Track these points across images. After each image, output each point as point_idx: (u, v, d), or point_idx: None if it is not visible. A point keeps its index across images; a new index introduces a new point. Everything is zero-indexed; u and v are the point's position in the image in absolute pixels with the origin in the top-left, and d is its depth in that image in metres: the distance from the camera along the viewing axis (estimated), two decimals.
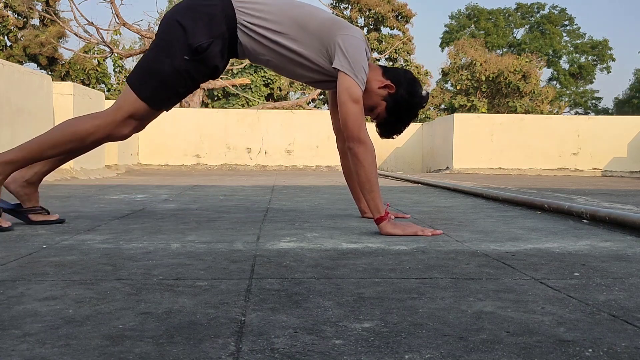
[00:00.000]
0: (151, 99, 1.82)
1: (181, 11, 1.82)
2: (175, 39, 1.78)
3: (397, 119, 1.99)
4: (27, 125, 5.22)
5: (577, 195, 3.67)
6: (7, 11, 19.52)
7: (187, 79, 1.82)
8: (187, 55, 1.77)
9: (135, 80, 1.82)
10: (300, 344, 0.75)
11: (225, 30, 1.81)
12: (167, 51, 1.79)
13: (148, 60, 1.84)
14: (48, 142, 1.80)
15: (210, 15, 1.79)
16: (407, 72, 2.03)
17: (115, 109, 1.82)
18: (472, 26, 31.78)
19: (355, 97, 1.80)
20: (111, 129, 1.82)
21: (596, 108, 33.91)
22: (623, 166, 9.55)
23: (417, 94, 1.97)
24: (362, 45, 1.86)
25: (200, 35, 1.77)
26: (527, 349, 0.74)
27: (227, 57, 1.89)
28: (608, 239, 1.76)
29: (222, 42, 1.82)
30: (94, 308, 0.91)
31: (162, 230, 1.84)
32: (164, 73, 1.79)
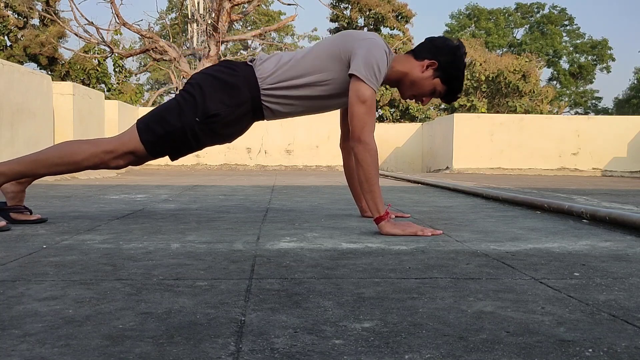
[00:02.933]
0: (151, 145, 1.85)
1: (205, 77, 1.89)
2: (193, 100, 1.83)
3: (456, 81, 1.97)
4: (27, 125, 5.22)
5: (577, 195, 3.67)
6: (8, 11, 19.52)
7: (192, 139, 1.87)
8: (199, 118, 1.82)
9: (143, 123, 1.86)
10: (300, 344, 0.75)
11: (246, 97, 1.87)
12: (181, 108, 1.84)
13: (162, 109, 1.89)
14: (45, 161, 1.84)
15: (231, 85, 1.85)
16: (430, 40, 1.98)
17: (117, 142, 1.85)
18: (473, 26, 31.77)
19: (363, 98, 1.80)
20: (108, 160, 1.85)
21: (596, 108, 33.91)
22: (623, 166, 9.55)
23: (455, 49, 1.95)
24: (378, 46, 1.86)
25: (218, 103, 1.83)
26: (527, 349, 0.74)
27: (248, 122, 1.95)
28: (608, 239, 1.76)
29: (241, 109, 1.87)
30: (94, 308, 0.91)
31: (162, 230, 1.84)
32: (171, 126, 1.83)
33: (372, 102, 1.82)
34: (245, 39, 16.99)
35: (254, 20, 22.40)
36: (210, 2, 13.77)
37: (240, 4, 13.30)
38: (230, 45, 22.36)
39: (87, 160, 1.83)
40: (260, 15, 23.65)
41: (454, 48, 1.94)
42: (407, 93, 2.00)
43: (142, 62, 24.37)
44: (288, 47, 23.31)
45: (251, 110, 1.91)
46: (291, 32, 26.58)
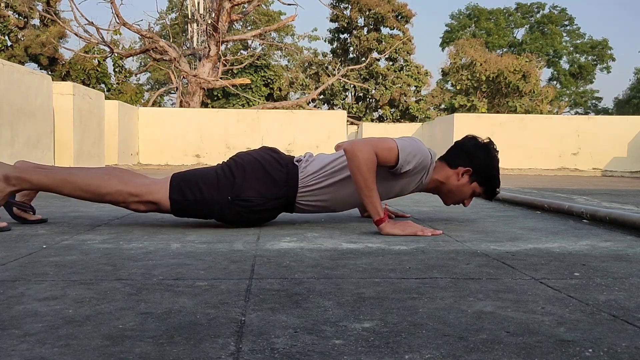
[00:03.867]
0: (177, 203, 1.85)
1: (251, 161, 1.90)
2: (232, 179, 1.84)
3: (493, 180, 2.03)
4: (27, 125, 5.22)
5: (577, 195, 3.67)
6: (8, 11, 19.52)
7: (217, 213, 1.88)
8: (231, 197, 1.83)
9: (177, 182, 1.86)
10: (300, 344, 0.75)
11: (282, 194, 1.89)
12: (218, 182, 1.85)
13: (200, 176, 1.89)
14: (72, 184, 1.82)
15: (272, 179, 1.87)
16: (461, 146, 2.03)
17: (146, 189, 1.84)
18: (473, 26, 31.78)
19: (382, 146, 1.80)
20: (131, 202, 1.84)
21: (596, 108, 33.91)
22: (623, 166, 9.54)
23: (486, 150, 2.00)
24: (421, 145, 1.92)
25: (254, 190, 1.84)
26: (527, 349, 0.74)
27: (275, 213, 1.97)
28: (608, 239, 1.76)
29: (272, 203, 1.89)
30: (94, 308, 0.91)
31: (162, 230, 1.84)
32: (202, 195, 1.84)
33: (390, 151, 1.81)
34: (245, 39, 17.00)
35: (254, 20, 22.40)
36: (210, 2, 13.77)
37: (240, 4, 13.31)
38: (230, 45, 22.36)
39: (110, 196, 1.83)
40: (260, 15, 23.65)
41: (485, 150, 1.98)
42: (449, 201, 2.06)
43: (142, 62, 24.37)
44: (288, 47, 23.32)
45: (283, 206, 1.94)
46: (291, 32, 26.57)
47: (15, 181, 1.79)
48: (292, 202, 1.93)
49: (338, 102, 22.67)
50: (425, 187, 2.02)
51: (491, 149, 2.00)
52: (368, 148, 1.78)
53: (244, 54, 21.57)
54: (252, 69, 20.39)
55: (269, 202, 1.88)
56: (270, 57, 23.28)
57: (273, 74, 20.99)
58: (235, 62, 18.39)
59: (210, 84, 13.63)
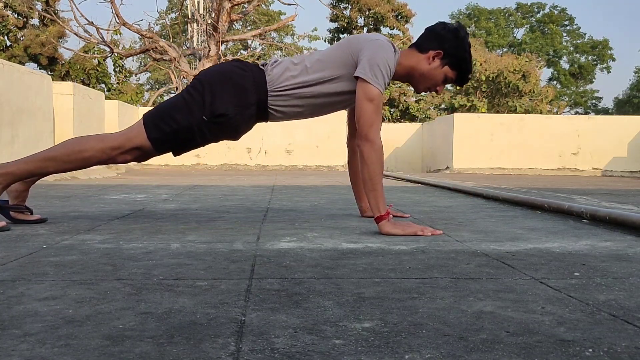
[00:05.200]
0: (158, 142, 1.85)
1: (215, 75, 1.88)
2: (201, 99, 1.83)
3: (464, 63, 1.98)
4: (27, 125, 5.22)
5: (577, 195, 3.67)
6: (7, 11, 19.52)
7: (198, 137, 1.87)
8: (206, 117, 1.82)
9: (150, 120, 1.86)
10: (300, 344, 0.75)
11: (254, 100, 1.88)
12: (189, 106, 1.84)
13: (169, 107, 1.88)
14: (53, 159, 1.83)
15: (240, 86, 1.86)
16: (431, 29, 1.97)
17: (124, 138, 1.85)
18: (473, 26, 31.77)
19: (370, 97, 1.81)
20: (115, 155, 1.85)
21: (596, 108, 33.91)
22: (623, 166, 9.55)
23: (456, 31, 1.95)
24: (384, 46, 1.87)
25: (226, 103, 1.83)
26: (527, 348, 0.74)
27: (254, 122, 1.96)
28: (608, 238, 1.76)
29: (248, 111, 1.88)
30: (94, 308, 0.91)
31: (162, 230, 1.84)
32: (178, 124, 1.83)
33: (379, 102, 1.83)
34: (245, 39, 16.99)
35: (254, 20, 22.39)
36: (210, 2, 13.77)
37: (240, 4, 13.30)
38: (230, 45, 22.36)
39: (94, 157, 1.83)
40: (260, 15, 23.65)
41: (455, 31, 1.94)
42: (420, 87, 2.01)
43: (142, 62, 24.37)
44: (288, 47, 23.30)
45: (257, 112, 1.92)
46: (291, 32, 26.58)
47: (1, 178, 1.80)
48: (265, 106, 1.91)
49: None
50: (396, 74, 1.96)
51: (461, 31, 1.95)
52: (374, 133, 1.81)
53: (244, 54, 21.56)
54: None
55: (243, 111, 1.87)
56: (270, 57, 23.27)
57: None
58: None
59: None
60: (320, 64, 1.91)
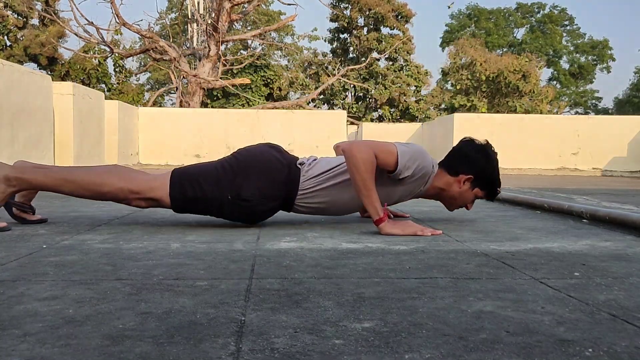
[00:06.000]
0: (177, 201, 1.85)
1: (254, 159, 1.89)
2: (233, 177, 1.84)
3: (494, 183, 2.03)
4: (27, 125, 5.22)
5: (577, 195, 3.67)
6: (7, 11, 19.52)
7: (216, 210, 1.88)
8: (231, 196, 1.83)
9: (177, 178, 1.86)
10: (300, 343, 0.75)
11: (282, 195, 1.89)
12: (219, 180, 1.84)
13: (200, 173, 1.87)
14: (72, 183, 1.81)
15: (273, 179, 1.87)
16: (460, 152, 2.01)
17: (147, 186, 1.83)
18: (473, 26, 31.78)
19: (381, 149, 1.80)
20: (132, 199, 1.84)
21: (596, 108, 33.91)
22: (623, 166, 9.54)
23: (486, 155, 1.99)
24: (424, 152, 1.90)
25: (253, 190, 1.84)
26: (527, 348, 0.74)
27: (273, 213, 1.96)
28: (608, 238, 1.76)
29: (272, 204, 1.90)
30: (94, 308, 0.91)
31: (162, 230, 1.84)
32: (202, 193, 1.83)
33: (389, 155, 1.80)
34: (245, 39, 17.00)
35: (254, 20, 22.40)
36: (210, 2, 13.78)
37: (240, 4, 13.31)
38: (230, 45, 22.36)
39: (111, 193, 1.82)
40: (260, 15, 23.65)
41: (485, 154, 1.98)
42: (452, 207, 2.07)
43: (142, 62, 24.37)
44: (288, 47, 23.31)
45: (280, 206, 1.94)
46: (291, 32, 26.57)
47: (15, 182, 1.79)
48: (291, 203, 1.93)
49: (338, 102, 22.68)
50: (425, 193, 2.02)
51: (491, 153, 2.00)
52: (367, 149, 1.78)
53: (244, 54, 21.57)
54: (252, 69, 20.39)
55: (268, 203, 1.88)
56: (270, 57, 23.28)
57: (273, 74, 20.98)
58: (235, 62, 18.39)
59: (210, 84, 13.63)
60: None
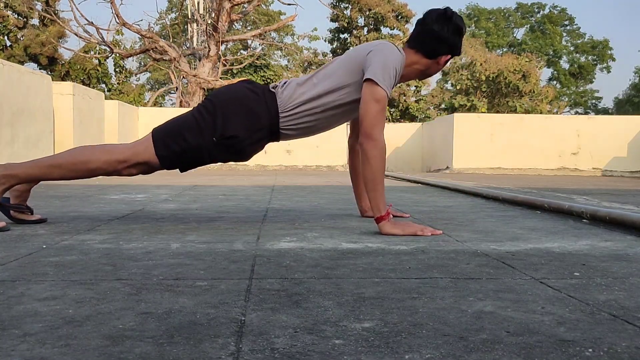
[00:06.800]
0: (165, 159, 1.85)
1: (227, 97, 1.88)
2: (212, 121, 1.83)
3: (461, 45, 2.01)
4: (27, 125, 5.22)
5: (577, 195, 3.67)
6: (7, 11, 19.52)
7: (206, 157, 1.88)
8: (216, 138, 1.82)
9: (159, 137, 1.85)
10: (300, 344, 0.75)
11: (266, 123, 1.88)
12: (199, 127, 1.83)
13: (179, 125, 1.87)
14: (59, 167, 1.83)
15: (252, 110, 1.86)
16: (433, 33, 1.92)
17: (131, 152, 1.84)
18: (473, 26, 31.77)
19: (377, 97, 1.81)
20: (121, 168, 1.84)
21: (596, 108, 33.91)
22: (623, 166, 9.54)
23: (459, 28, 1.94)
24: (392, 50, 1.88)
25: (237, 126, 1.83)
26: (527, 348, 0.74)
27: (264, 143, 1.96)
28: (608, 238, 1.76)
29: (259, 134, 1.89)
30: (94, 308, 0.91)
31: (162, 230, 1.84)
32: (187, 144, 1.83)
33: (385, 103, 1.83)
34: (245, 39, 17.00)
35: (254, 20, 22.40)
36: (210, 2, 13.77)
37: (240, 4, 13.30)
38: (230, 45, 22.36)
39: (100, 169, 1.83)
40: (260, 15, 23.65)
41: (458, 28, 1.94)
42: (423, 78, 2.09)
43: (142, 62, 24.37)
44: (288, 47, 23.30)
45: (268, 135, 1.93)
46: (291, 32, 26.57)
47: (3, 179, 1.81)
48: (276, 129, 1.92)
49: None
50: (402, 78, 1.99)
51: (459, 24, 1.95)
52: (377, 131, 1.80)
53: (244, 54, 21.57)
54: (252, 69, 20.38)
55: (255, 135, 1.88)
56: (270, 57, 23.28)
57: (273, 74, 20.98)
58: (235, 62, 18.39)
59: (210, 84, 13.63)
60: (328, 77, 1.91)
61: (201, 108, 1.88)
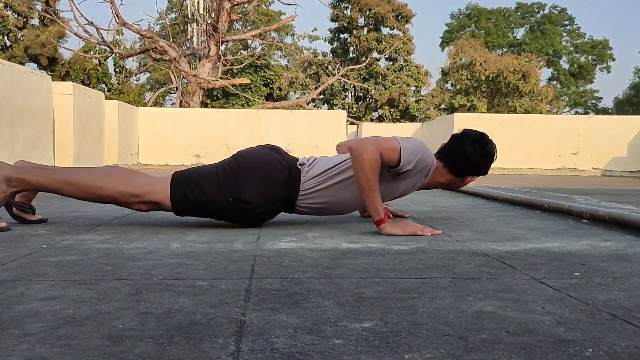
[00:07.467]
0: (178, 204, 1.85)
1: (253, 161, 1.88)
2: (234, 180, 1.84)
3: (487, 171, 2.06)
4: (27, 125, 5.22)
5: (577, 195, 3.67)
6: (7, 11, 19.52)
7: (218, 212, 1.88)
8: (232, 199, 1.83)
9: (177, 181, 1.86)
10: (300, 343, 0.75)
11: (283, 197, 1.89)
12: (219, 183, 1.84)
13: (201, 176, 1.87)
14: (73, 186, 1.81)
15: (274, 181, 1.87)
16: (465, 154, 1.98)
17: (147, 189, 1.84)
18: (473, 26, 31.78)
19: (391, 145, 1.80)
20: (132, 202, 1.84)
21: (596, 108, 33.91)
22: (623, 166, 9.54)
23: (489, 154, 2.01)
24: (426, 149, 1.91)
25: (254, 192, 1.84)
26: (527, 348, 0.74)
27: (274, 214, 1.97)
28: (608, 238, 1.76)
29: (273, 205, 1.90)
30: (94, 308, 0.91)
31: (162, 230, 1.84)
32: (203, 196, 1.83)
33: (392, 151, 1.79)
34: (245, 39, 17.00)
35: (254, 20, 22.40)
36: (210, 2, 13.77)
37: (240, 4, 13.30)
38: (230, 45, 22.36)
39: (111, 197, 1.82)
40: (260, 15, 23.65)
41: (488, 158, 2.00)
42: (445, 189, 2.14)
43: (142, 62, 24.37)
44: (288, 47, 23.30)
45: (282, 207, 1.94)
46: (291, 32, 26.56)
47: (16, 182, 1.79)
48: (293, 204, 1.93)
49: (338, 102, 22.68)
50: (427, 186, 2.06)
51: (492, 153, 2.01)
52: (373, 148, 1.77)
53: (244, 54, 21.57)
54: (252, 69, 20.38)
55: (269, 204, 1.88)
56: (270, 57, 23.28)
57: (273, 74, 20.98)
58: (235, 62, 18.38)
59: (210, 84, 13.63)
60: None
61: (226, 165, 1.89)
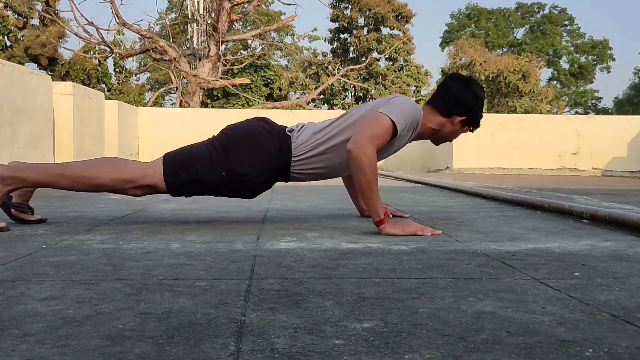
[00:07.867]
0: (173, 186, 1.86)
1: (243, 134, 1.89)
2: (225, 156, 1.84)
3: (480, 118, 2.05)
4: (27, 125, 5.22)
5: (577, 195, 3.67)
6: (7, 11, 19.52)
7: (213, 189, 1.89)
8: (226, 173, 1.83)
9: (170, 163, 1.86)
10: (300, 344, 0.75)
11: (277, 165, 1.89)
12: (211, 160, 1.85)
13: (192, 154, 1.88)
14: (67, 178, 1.83)
15: (265, 150, 1.87)
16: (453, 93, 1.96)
17: (140, 173, 1.84)
18: (472, 26, 31.78)
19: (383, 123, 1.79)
20: (127, 188, 1.84)
21: (596, 108, 33.92)
22: (623, 166, 9.55)
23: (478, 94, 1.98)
24: (412, 103, 1.90)
25: (248, 164, 1.85)
26: (527, 349, 0.74)
27: (270, 184, 1.97)
28: (608, 238, 1.76)
29: (268, 175, 1.90)
30: (94, 308, 0.91)
31: (162, 230, 1.84)
32: (197, 175, 1.84)
33: (388, 131, 1.79)
34: (245, 39, 17.01)
35: (254, 20, 22.40)
36: (210, 2, 13.78)
37: (240, 4, 13.31)
38: (230, 45, 22.36)
39: (106, 185, 1.83)
40: (260, 15, 23.65)
41: (474, 95, 1.97)
42: (440, 142, 2.11)
43: (142, 62, 24.37)
44: (288, 47, 23.30)
45: (277, 176, 1.95)
46: (291, 32, 26.57)
47: (10, 180, 1.80)
48: (287, 171, 1.93)
49: (338, 102, 22.68)
50: (418, 136, 2.03)
51: (479, 92, 1.99)
52: (371, 145, 1.77)
53: (244, 54, 21.57)
54: (252, 69, 20.39)
55: (264, 174, 1.89)
56: (270, 57, 23.28)
57: (273, 74, 20.99)
58: (235, 62, 18.39)
59: (210, 84, 13.63)
60: (344, 129, 1.91)
61: (215, 141, 1.89)
